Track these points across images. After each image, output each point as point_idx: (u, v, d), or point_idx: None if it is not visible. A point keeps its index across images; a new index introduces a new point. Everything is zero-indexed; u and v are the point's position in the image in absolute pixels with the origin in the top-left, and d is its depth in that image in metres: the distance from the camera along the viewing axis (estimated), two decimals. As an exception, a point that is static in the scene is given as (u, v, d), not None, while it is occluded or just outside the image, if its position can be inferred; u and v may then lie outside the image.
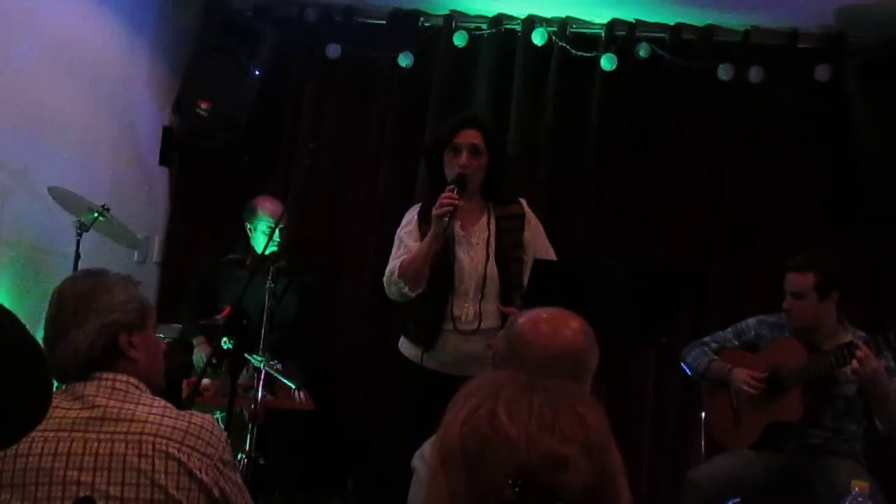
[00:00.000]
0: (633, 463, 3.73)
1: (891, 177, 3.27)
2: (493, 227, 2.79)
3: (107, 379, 1.51)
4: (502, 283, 2.75)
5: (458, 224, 2.75)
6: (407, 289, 2.71)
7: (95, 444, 1.44)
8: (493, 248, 2.76)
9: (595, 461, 0.85)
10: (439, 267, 2.71)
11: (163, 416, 1.49)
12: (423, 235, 2.73)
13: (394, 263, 2.77)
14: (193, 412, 1.53)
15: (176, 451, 1.46)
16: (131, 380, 1.54)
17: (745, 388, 2.94)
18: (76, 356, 1.51)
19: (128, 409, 1.48)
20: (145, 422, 1.47)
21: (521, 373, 0.95)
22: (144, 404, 1.51)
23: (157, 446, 1.45)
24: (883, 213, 3.45)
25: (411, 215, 2.88)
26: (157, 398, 1.56)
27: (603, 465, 0.85)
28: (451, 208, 2.58)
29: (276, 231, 3.21)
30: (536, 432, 0.84)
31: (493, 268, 2.74)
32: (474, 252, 2.76)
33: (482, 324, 2.70)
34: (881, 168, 3.31)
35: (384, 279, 2.80)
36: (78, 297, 1.54)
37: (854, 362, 2.66)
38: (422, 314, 2.79)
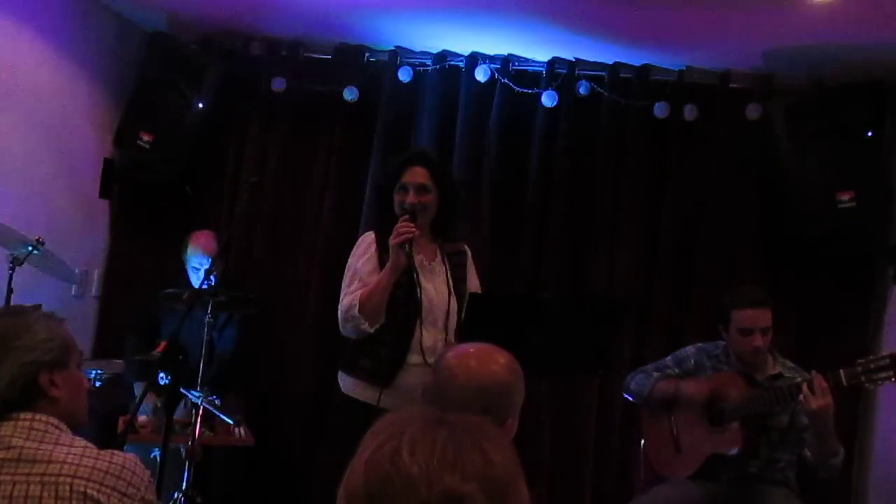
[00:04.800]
0: (575, 495, 3.74)
1: (815, 213, 3.37)
2: (447, 262, 2.79)
3: (24, 419, 1.48)
4: (459, 318, 2.73)
5: (420, 255, 2.72)
6: (367, 324, 2.60)
7: (10, 486, 1.40)
8: (451, 282, 2.75)
9: (496, 498, 0.84)
10: (404, 297, 2.63)
11: (82, 456, 1.46)
12: (382, 264, 2.64)
13: (350, 298, 2.64)
14: (115, 451, 1.50)
15: (95, 493, 1.42)
16: (51, 420, 1.50)
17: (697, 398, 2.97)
18: None
19: (45, 450, 1.45)
20: (63, 463, 1.44)
21: (432, 409, 0.95)
22: (63, 444, 1.47)
23: (75, 488, 1.42)
24: (811, 246, 3.55)
25: (366, 243, 2.78)
26: (79, 438, 1.53)
27: (504, 502, 0.86)
28: (410, 236, 2.55)
29: (209, 267, 3.15)
30: (437, 470, 0.83)
31: (454, 301, 2.72)
32: (438, 282, 2.73)
33: None
34: (807, 205, 3.41)
35: (340, 315, 2.66)
36: None
37: (817, 382, 2.65)
38: (382, 347, 2.65)
